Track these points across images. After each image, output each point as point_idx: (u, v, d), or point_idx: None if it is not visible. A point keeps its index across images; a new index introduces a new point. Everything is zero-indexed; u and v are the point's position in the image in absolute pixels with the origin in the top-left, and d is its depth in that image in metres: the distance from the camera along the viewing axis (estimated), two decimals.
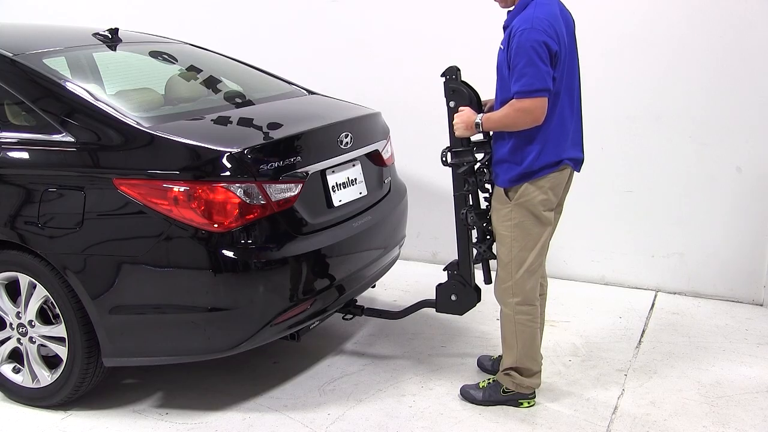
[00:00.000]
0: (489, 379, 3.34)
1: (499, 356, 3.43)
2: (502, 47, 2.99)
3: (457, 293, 3.40)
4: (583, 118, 3.18)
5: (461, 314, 3.50)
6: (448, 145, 3.20)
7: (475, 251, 3.31)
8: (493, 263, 3.29)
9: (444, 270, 3.42)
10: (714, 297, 4.47)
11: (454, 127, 3.12)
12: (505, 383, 3.26)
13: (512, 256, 3.10)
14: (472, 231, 3.30)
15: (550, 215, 3.11)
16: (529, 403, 3.27)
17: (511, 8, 3.02)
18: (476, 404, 3.29)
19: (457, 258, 3.37)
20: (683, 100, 4.33)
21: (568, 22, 3.02)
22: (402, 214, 3.96)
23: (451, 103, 3.15)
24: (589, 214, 4.68)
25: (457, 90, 3.14)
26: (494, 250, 3.29)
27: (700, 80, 4.27)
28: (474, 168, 3.20)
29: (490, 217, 3.21)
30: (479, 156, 3.20)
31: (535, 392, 3.29)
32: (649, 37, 4.33)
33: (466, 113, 3.08)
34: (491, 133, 3.13)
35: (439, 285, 3.45)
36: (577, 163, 3.16)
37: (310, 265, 3.20)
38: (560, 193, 3.14)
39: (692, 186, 4.40)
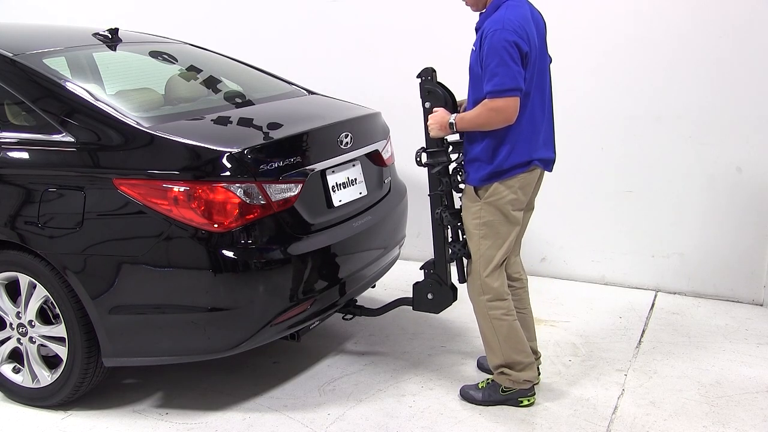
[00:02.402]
0: (488, 379, 3.34)
1: None
2: (474, 48, 3.03)
3: (433, 292, 3.43)
4: (555, 118, 3.22)
5: (437, 313, 3.52)
6: (423, 145, 3.24)
7: (449, 250, 3.33)
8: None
9: (420, 269, 3.44)
10: (714, 297, 4.47)
11: (429, 128, 3.16)
12: (503, 382, 3.26)
13: (480, 253, 3.13)
14: (447, 230, 3.33)
15: (519, 215, 3.14)
16: (528, 400, 3.27)
17: (483, 10, 3.07)
18: (476, 404, 3.29)
19: (433, 257, 3.40)
20: (683, 100, 4.33)
21: (538, 23, 3.06)
22: (402, 214, 3.96)
23: (427, 104, 3.20)
24: (589, 213, 4.68)
25: (433, 91, 3.19)
26: (468, 250, 3.33)
27: (700, 80, 4.27)
28: (448, 168, 3.25)
29: None
30: (454, 156, 3.25)
31: (534, 389, 3.29)
32: (649, 37, 4.33)
33: (440, 114, 3.12)
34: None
35: (416, 283, 3.47)
36: (548, 164, 3.19)
37: (310, 265, 3.20)
38: (530, 192, 3.17)
39: (692, 186, 4.40)
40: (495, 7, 2.98)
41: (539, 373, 3.45)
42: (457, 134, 3.18)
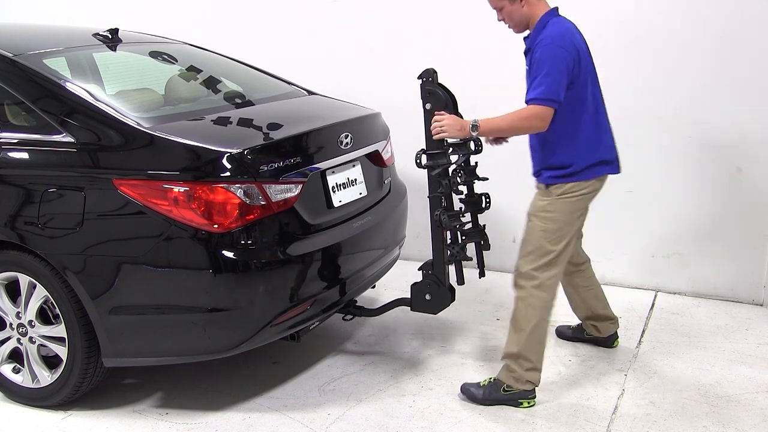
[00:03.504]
0: (491, 378, 3.35)
1: (579, 324, 3.78)
2: (527, 68, 3.16)
3: (431, 293, 3.43)
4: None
5: (435, 314, 3.53)
6: (423, 147, 3.25)
7: (448, 252, 3.33)
8: (492, 258, 3.36)
9: (419, 270, 3.45)
10: (714, 297, 4.47)
11: (443, 130, 3.17)
12: (506, 380, 3.26)
13: (538, 245, 3.19)
14: (447, 232, 3.33)
15: (582, 219, 3.33)
16: (529, 403, 3.27)
17: (526, 33, 3.20)
18: (476, 403, 3.30)
19: (432, 258, 3.40)
20: (683, 101, 4.32)
21: (581, 35, 3.20)
22: (402, 214, 3.97)
23: (428, 105, 3.24)
24: (589, 214, 4.66)
25: (433, 92, 3.22)
26: (466, 252, 3.34)
27: (700, 80, 4.27)
28: (448, 170, 3.26)
29: (463, 218, 3.33)
30: (454, 158, 3.25)
31: (535, 392, 3.29)
32: (649, 38, 4.33)
33: (453, 117, 3.17)
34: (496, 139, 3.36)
35: (414, 284, 3.48)
36: (614, 164, 3.31)
37: (310, 265, 3.20)
38: (595, 196, 3.31)
39: (692, 186, 4.40)
40: (542, 26, 3.11)
41: (617, 337, 3.79)
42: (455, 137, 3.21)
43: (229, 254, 2.97)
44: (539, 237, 3.19)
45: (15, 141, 3.25)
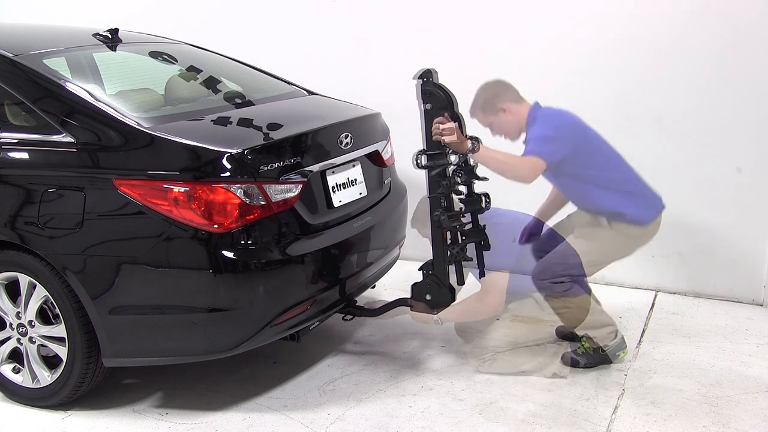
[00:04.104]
0: (583, 345, 3.61)
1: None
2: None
3: (431, 293, 3.43)
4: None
5: (435, 314, 3.53)
6: (422, 148, 3.25)
7: (448, 252, 3.33)
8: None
9: (419, 270, 3.45)
10: (714, 297, 4.47)
11: (443, 132, 3.16)
12: (597, 344, 3.56)
13: (575, 262, 3.42)
14: (447, 232, 3.33)
15: (628, 256, 3.56)
16: (624, 352, 3.61)
17: (519, 137, 3.48)
18: (581, 368, 3.55)
19: (432, 258, 3.40)
20: (683, 100, 4.32)
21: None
22: (402, 214, 3.96)
23: (428, 106, 3.24)
24: None
25: (433, 92, 3.23)
26: (467, 252, 3.34)
27: (699, 80, 4.27)
28: (447, 171, 3.27)
29: (463, 218, 3.34)
30: (453, 158, 3.25)
31: (623, 338, 3.60)
32: (649, 37, 4.33)
33: (455, 129, 3.19)
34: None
35: (415, 284, 3.48)
36: (659, 205, 3.56)
37: (310, 265, 3.21)
38: (646, 242, 3.56)
39: (692, 186, 4.40)
40: (533, 119, 3.36)
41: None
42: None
43: (229, 254, 2.97)
44: (581, 255, 3.42)
45: (15, 141, 3.25)
